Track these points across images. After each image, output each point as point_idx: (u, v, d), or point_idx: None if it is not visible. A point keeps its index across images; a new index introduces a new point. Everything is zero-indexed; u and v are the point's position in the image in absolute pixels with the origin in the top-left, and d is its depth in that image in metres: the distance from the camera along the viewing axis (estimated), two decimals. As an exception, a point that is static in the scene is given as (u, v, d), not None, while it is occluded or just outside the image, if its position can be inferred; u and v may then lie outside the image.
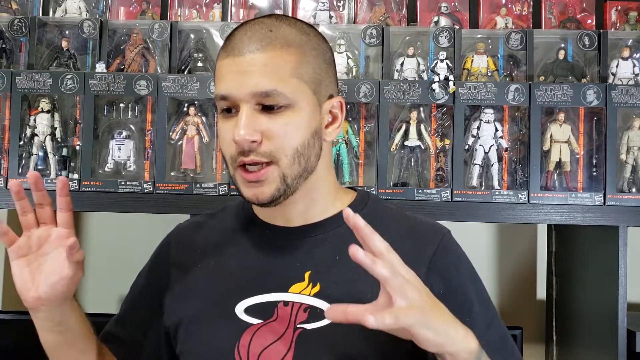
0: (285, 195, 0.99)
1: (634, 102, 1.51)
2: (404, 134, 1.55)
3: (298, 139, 0.98)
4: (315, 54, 1.02)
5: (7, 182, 1.52)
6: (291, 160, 0.98)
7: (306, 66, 0.99)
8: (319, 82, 1.01)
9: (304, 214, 1.05)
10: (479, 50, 1.59)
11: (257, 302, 1.01)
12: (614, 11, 1.70)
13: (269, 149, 0.96)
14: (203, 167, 1.57)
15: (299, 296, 1.00)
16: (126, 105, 1.59)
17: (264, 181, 0.97)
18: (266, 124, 0.96)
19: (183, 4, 1.73)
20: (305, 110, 0.99)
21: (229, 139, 0.98)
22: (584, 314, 1.69)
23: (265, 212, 1.06)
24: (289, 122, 0.97)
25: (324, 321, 0.98)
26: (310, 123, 1.00)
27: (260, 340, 0.99)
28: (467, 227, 1.59)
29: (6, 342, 1.79)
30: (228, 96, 0.97)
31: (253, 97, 0.96)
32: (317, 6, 1.68)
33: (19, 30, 1.61)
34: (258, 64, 0.96)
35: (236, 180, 1.00)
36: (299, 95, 0.98)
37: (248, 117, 0.96)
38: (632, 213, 1.48)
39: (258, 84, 0.95)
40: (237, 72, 0.97)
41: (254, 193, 0.98)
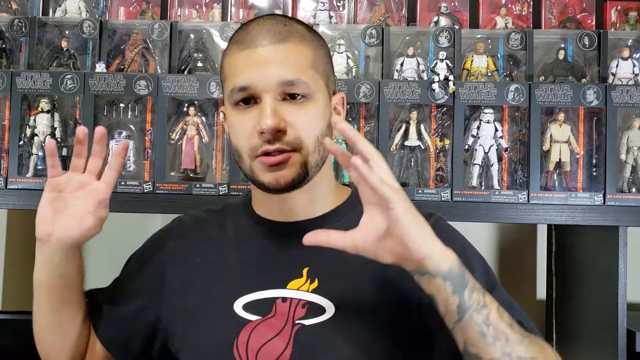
0: (304, 182, 1.01)
1: (634, 102, 1.51)
2: (404, 134, 1.55)
3: (318, 128, 1.00)
4: (322, 50, 1.05)
5: (7, 182, 1.52)
6: (313, 147, 0.99)
7: (319, 60, 1.02)
8: (328, 76, 1.05)
9: (305, 208, 1.06)
10: (479, 50, 1.59)
11: (256, 299, 1.02)
12: (614, 11, 1.69)
13: (293, 137, 0.98)
14: (203, 167, 1.57)
15: (297, 292, 1.01)
16: (126, 105, 1.59)
17: (286, 164, 0.98)
18: (290, 114, 0.98)
19: (183, 4, 1.73)
20: (321, 102, 1.01)
21: (248, 130, 0.98)
22: (584, 314, 1.69)
23: (266, 207, 1.07)
24: (310, 111, 0.99)
25: (322, 317, 0.99)
26: (325, 114, 1.02)
27: (258, 336, 0.99)
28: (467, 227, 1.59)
29: (6, 342, 1.79)
30: (250, 87, 0.98)
31: (278, 87, 0.97)
32: (317, 6, 1.68)
33: (19, 30, 1.61)
34: (279, 55, 0.98)
35: (254, 170, 1.00)
36: (316, 86, 1.00)
37: (273, 106, 0.97)
38: (632, 213, 1.48)
39: (282, 74, 0.97)
40: (259, 63, 0.98)
41: (275, 177, 0.99)
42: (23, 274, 2.07)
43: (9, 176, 1.53)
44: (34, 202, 1.51)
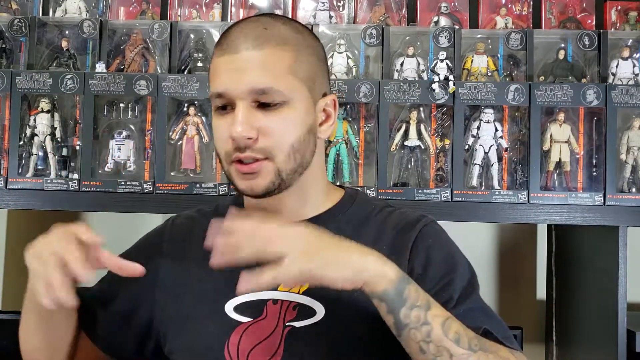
0: (280, 189, 1.01)
1: (634, 102, 1.51)
2: (404, 134, 1.55)
3: (294, 135, 0.99)
4: (309, 52, 1.03)
5: (7, 182, 1.52)
6: (287, 156, 0.99)
7: (301, 64, 1.01)
8: (314, 80, 1.03)
9: (296, 211, 1.06)
10: (479, 50, 1.59)
11: (247, 300, 1.02)
12: (614, 11, 1.69)
13: (264, 145, 0.98)
14: (203, 167, 1.57)
15: (288, 294, 1.01)
16: (126, 105, 1.59)
17: (259, 173, 0.99)
18: (262, 121, 0.97)
19: (183, 4, 1.73)
20: (301, 107, 1.00)
21: (224, 136, 0.99)
22: (584, 314, 1.69)
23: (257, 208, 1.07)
24: (285, 118, 0.99)
25: (313, 319, 0.99)
26: (305, 120, 1.01)
27: (249, 338, 0.99)
28: (467, 227, 1.60)
29: (6, 342, 1.78)
30: (224, 93, 0.98)
31: (250, 94, 0.97)
32: (317, 6, 1.68)
33: (19, 30, 1.61)
34: (254, 62, 0.98)
35: (231, 174, 1.02)
36: (294, 92, 0.99)
37: (244, 114, 0.97)
38: (632, 213, 1.48)
39: (255, 81, 0.97)
40: (233, 69, 0.98)
41: (248, 185, 1.00)
42: (23, 274, 2.07)
43: (9, 176, 1.53)
44: (34, 202, 1.52)
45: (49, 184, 1.52)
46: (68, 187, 1.52)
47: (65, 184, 1.52)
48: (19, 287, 2.07)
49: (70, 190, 1.52)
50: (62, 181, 1.52)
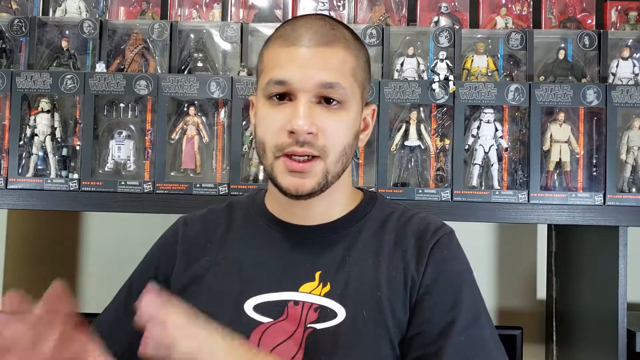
0: (322, 191, 1.00)
1: (634, 102, 1.51)
2: (404, 134, 1.55)
3: (346, 138, 1.00)
4: (365, 59, 1.05)
5: (7, 182, 1.52)
6: (337, 157, 0.99)
7: (359, 69, 1.02)
8: (365, 87, 1.05)
9: (322, 214, 1.06)
10: (479, 50, 1.59)
11: (267, 301, 1.01)
12: (614, 11, 1.69)
13: (322, 143, 0.97)
14: (203, 167, 1.57)
15: (310, 296, 1.00)
16: (126, 105, 1.59)
17: (308, 173, 0.98)
18: (323, 119, 0.97)
19: (183, 4, 1.73)
20: (354, 111, 1.01)
21: (278, 127, 0.98)
22: (584, 314, 1.69)
23: (283, 210, 1.07)
24: (341, 119, 0.99)
25: (334, 321, 0.98)
26: (355, 124, 1.02)
27: (269, 339, 0.98)
28: (467, 227, 1.59)
29: (6, 342, 1.78)
30: (288, 82, 0.97)
31: (315, 88, 0.97)
32: (317, 6, 1.68)
33: (19, 30, 1.61)
34: (324, 58, 0.98)
35: (274, 169, 1.00)
36: (353, 95, 1.00)
37: (307, 108, 0.96)
38: (632, 213, 1.48)
39: (323, 76, 0.97)
40: (301, 62, 0.97)
41: (294, 183, 0.99)
42: (23, 274, 2.08)
43: (9, 176, 1.53)
44: (34, 202, 1.52)
45: (49, 184, 1.52)
46: (68, 187, 1.52)
47: (65, 184, 1.52)
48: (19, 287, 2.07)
49: (70, 190, 1.52)
50: (62, 181, 1.52)
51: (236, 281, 1.03)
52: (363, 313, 0.98)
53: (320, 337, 0.98)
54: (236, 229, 1.10)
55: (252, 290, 1.02)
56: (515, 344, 1.71)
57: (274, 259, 1.04)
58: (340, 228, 1.05)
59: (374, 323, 0.98)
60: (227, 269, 1.05)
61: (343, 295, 0.99)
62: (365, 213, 1.08)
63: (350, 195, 1.09)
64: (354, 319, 0.98)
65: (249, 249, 1.06)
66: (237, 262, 1.05)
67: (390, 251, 1.03)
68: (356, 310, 0.99)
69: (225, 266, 1.06)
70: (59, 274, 2.12)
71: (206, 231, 1.11)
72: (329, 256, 1.03)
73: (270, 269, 1.03)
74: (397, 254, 1.03)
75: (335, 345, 0.97)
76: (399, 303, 1.00)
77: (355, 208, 1.08)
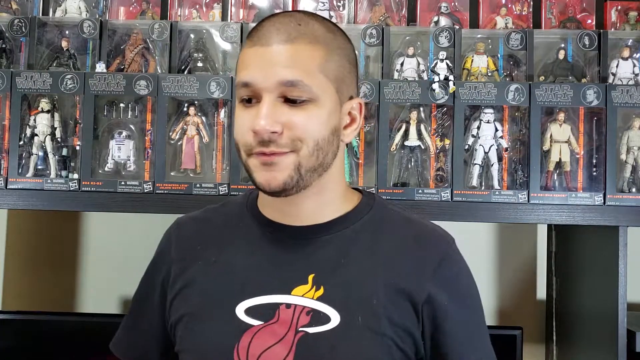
0: (298, 187, 0.98)
1: (634, 102, 1.51)
2: (404, 134, 1.55)
3: (318, 132, 0.98)
4: (340, 53, 1.02)
5: (7, 182, 1.52)
6: (310, 151, 0.97)
7: (331, 64, 1.00)
8: (342, 81, 1.02)
9: (313, 213, 1.04)
10: (479, 50, 1.59)
11: (258, 303, 1.00)
12: (614, 11, 1.69)
13: (289, 138, 0.96)
14: (203, 167, 1.57)
15: (302, 299, 0.99)
16: (126, 105, 1.59)
17: (278, 165, 0.96)
18: (288, 115, 0.96)
19: (183, 4, 1.73)
20: (327, 107, 0.99)
21: (246, 127, 0.97)
22: (584, 314, 1.69)
23: (274, 209, 1.05)
24: (311, 115, 0.97)
25: (327, 325, 0.98)
26: (330, 120, 0.99)
27: (260, 341, 0.98)
28: (467, 227, 1.59)
29: (6, 342, 1.79)
30: (251, 83, 0.97)
31: (277, 87, 0.96)
32: (317, 6, 1.68)
33: (19, 30, 1.61)
34: (285, 55, 0.96)
35: (249, 167, 0.99)
36: (322, 90, 0.98)
37: (270, 107, 0.95)
38: (632, 213, 1.48)
39: (284, 74, 0.95)
40: (263, 61, 0.97)
41: (267, 178, 0.97)
42: (23, 274, 2.08)
43: (9, 176, 1.53)
44: (34, 202, 1.52)
45: (49, 184, 1.52)
46: (68, 187, 1.52)
47: (65, 184, 1.52)
48: (19, 287, 2.08)
49: (70, 190, 1.52)
50: (62, 181, 1.52)
51: (228, 284, 1.03)
52: (358, 319, 0.98)
53: (312, 341, 0.97)
54: (229, 230, 1.09)
55: (244, 293, 1.01)
56: (515, 344, 1.71)
57: (266, 260, 1.03)
58: (334, 229, 1.04)
59: (369, 329, 0.97)
60: (219, 271, 1.05)
61: (337, 299, 0.98)
62: (362, 215, 1.06)
63: (345, 196, 1.08)
64: (348, 324, 0.97)
65: (241, 251, 1.05)
66: (229, 264, 1.05)
67: (389, 257, 1.02)
68: (351, 316, 0.98)
69: (218, 269, 1.05)
70: (59, 274, 2.14)
71: (199, 233, 1.10)
72: (322, 258, 1.02)
73: (262, 272, 1.02)
74: (397, 261, 1.02)
75: (329, 350, 0.97)
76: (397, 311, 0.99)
77: (352, 210, 1.06)
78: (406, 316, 1.00)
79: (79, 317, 1.91)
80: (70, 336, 1.79)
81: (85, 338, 1.76)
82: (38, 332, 1.79)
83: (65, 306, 2.03)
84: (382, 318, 0.98)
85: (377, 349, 0.98)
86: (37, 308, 1.97)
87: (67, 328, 1.79)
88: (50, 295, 2.04)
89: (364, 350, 0.97)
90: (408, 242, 1.04)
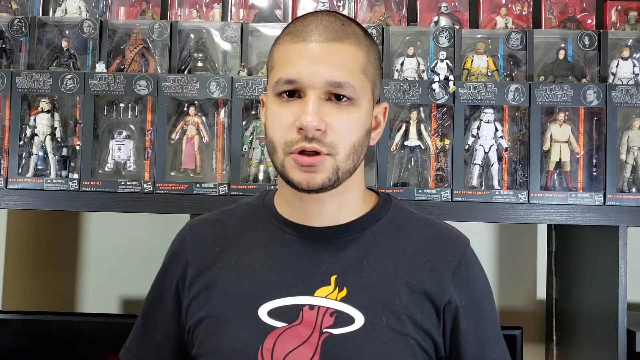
0: (334, 186, 0.99)
1: (634, 102, 1.51)
2: (404, 134, 1.55)
3: (356, 135, 0.99)
4: (376, 56, 1.04)
5: (7, 182, 1.52)
6: (347, 155, 0.98)
7: (370, 66, 1.01)
8: (376, 84, 1.03)
9: (334, 214, 1.04)
10: (479, 50, 1.59)
11: (282, 305, 0.99)
12: (614, 11, 1.69)
13: (331, 140, 0.96)
14: (203, 167, 1.57)
15: (325, 300, 0.99)
16: (126, 105, 1.59)
17: (318, 167, 0.97)
18: (332, 115, 0.96)
19: (183, 4, 1.73)
20: (365, 108, 1.00)
21: (287, 123, 0.97)
22: (584, 314, 1.69)
23: (294, 209, 1.05)
24: (351, 116, 0.98)
25: (351, 326, 0.97)
26: (366, 122, 1.01)
27: (284, 344, 0.97)
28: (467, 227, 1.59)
29: (6, 342, 1.79)
30: (297, 80, 0.96)
31: (325, 86, 0.96)
32: (317, 6, 1.68)
33: (19, 30, 1.61)
34: (333, 54, 0.96)
35: (285, 166, 0.99)
36: (363, 92, 0.99)
37: (316, 104, 0.95)
38: (632, 213, 1.48)
39: (332, 74, 0.95)
40: (311, 58, 0.96)
41: (306, 178, 0.97)
42: (23, 274, 2.08)
43: (9, 176, 1.53)
44: (34, 202, 1.52)
45: (49, 184, 1.52)
46: (68, 187, 1.52)
47: (65, 184, 1.52)
48: (19, 287, 2.08)
49: (70, 190, 1.52)
50: (62, 181, 1.52)
51: (250, 286, 1.02)
52: (382, 320, 0.98)
53: (338, 342, 0.97)
54: (247, 232, 1.08)
55: (267, 295, 1.00)
56: (515, 344, 1.71)
57: (288, 262, 1.02)
58: (354, 230, 1.04)
59: (393, 330, 0.98)
60: (240, 273, 1.04)
61: (361, 301, 0.98)
62: (381, 216, 1.06)
63: (363, 197, 1.08)
64: (373, 325, 0.98)
65: (261, 252, 1.05)
66: (250, 266, 1.04)
67: (409, 258, 1.03)
68: (375, 317, 0.98)
69: (238, 271, 1.04)
70: (59, 274, 2.14)
71: (215, 235, 1.09)
72: (344, 259, 1.01)
73: (284, 273, 1.02)
74: (417, 262, 1.02)
75: (353, 352, 0.96)
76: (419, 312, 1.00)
77: (371, 210, 1.07)
78: (428, 317, 1.00)
79: (79, 317, 1.91)
80: (70, 336, 1.78)
81: (85, 338, 1.76)
82: (38, 332, 1.79)
83: (65, 306, 2.03)
84: (405, 319, 0.98)
85: (401, 350, 0.98)
86: (37, 308, 1.97)
87: (67, 328, 1.79)
88: (50, 295, 2.04)
89: (389, 351, 0.97)
90: (427, 243, 1.04)
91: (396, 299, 0.99)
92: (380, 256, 1.02)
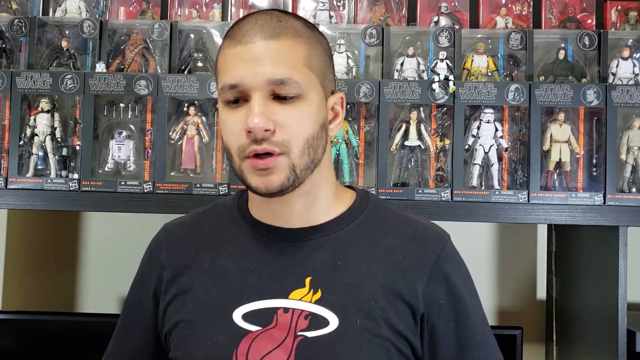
0: (294, 186, 0.97)
1: (634, 102, 1.51)
2: (404, 134, 1.55)
3: (309, 129, 0.97)
4: (320, 47, 1.01)
5: (7, 182, 1.52)
6: (302, 150, 0.96)
7: (314, 58, 0.99)
8: (325, 75, 1.01)
9: (304, 213, 1.02)
10: (479, 50, 1.59)
11: (256, 308, 0.99)
12: (614, 11, 1.70)
13: (281, 138, 0.95)
14: (203, 167, 1.57)
15: (300, 303, 0.98)
16: (126, 105, 1.59)
17: (274, 169, 0.95)
18: (279, 114, 0.95)
19: (183, 4, 1.73)
20: (315, 102, 0.98)
21: (237, 129, 0.96)
22: (584, 314, 1.69)
23: (263, 211, 1.04)
24: (301, 112, 0.96)
25: (326, 329, 0.97)
26: (319, 115, 0.99)
27: (259, 347, 0.97)
28: (467, 227, 1.60)
29: (6, 342, 1.79)
30: (239, 84, 0.95)
31: (267, 85, 0.94)
32: (317, 6, 1.68)
33: (19, 30, 1.61)
34: (271, 52, 0.95)
35: (243, 171, 0.98)
36: (309, 85, 0.97)
37: (261, 105, 0.94)
38: (632, 213, 1.48)
39: (273, 72, 0.94)
40: (249, 60, 0.95)
41: (263, 182, 0.96)
42: (23, 274, 2.08)
43: (9, 176, 1.53)
44: (34, 202, 1.52)
45: (49, 184, 1.52)
46: (68, 187, 1.52)
47: (65, 184, 1.52)
48: (19, 287, 2.08)
49: (70, 190, 1.52)
50: (62, 181, 1.52)
51: (224, 289, 1.01)
52: (356, 322, 0.97)
53: (313, 345, 0.96)
54: (221, 234, 1.07)
55: (241, 298, 1.00)
56: (515, 344, 1.71)
57: (261, 264, 1.01)
58: (329, 230, 1.03)
59: (368, 332, 0.97)
60: (214, 277, 1.03)
61: (335, 303, 0.97)
62: (357, 215, 1.05)
63: (337, 194, 1.06)
64: (347, 327, 0.97)
65: (235, 255, 1.04)
66: (224, 269, 1.03)
67: (385, 257, 1.01)
68: (349, 319, 0.97)
69: (212, 274, 1.03)
70: (59, 274, 2.14)
71: (190, 238, 1.09)
72: (319, 261, 1.00)
73: (258, 276, 1.01)
74: (393, 262, 1.01)
75: (328, 354, 0.96)
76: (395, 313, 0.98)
77: (346, 210, 1.05)
78: (403, 318, 0.99)
79: (79, 317, 1.91)
80: (70, 336, 1.79)
81: (85, 338, 1.76)
82: (38, 332, 1.79)
83: (65, 306, 2.04)
84: (380, 320, 0.97)
85: (376, 352, 0.97)
86: (37, 308, 1.97)
87: (67, 328, 1.79)
88: (50, 295, 2.04)
89: (363, 353, 0.96)
90: (404, 241, 1.03)
91: (371, 300, 0.98)
92: (356, 256, 1.01)
